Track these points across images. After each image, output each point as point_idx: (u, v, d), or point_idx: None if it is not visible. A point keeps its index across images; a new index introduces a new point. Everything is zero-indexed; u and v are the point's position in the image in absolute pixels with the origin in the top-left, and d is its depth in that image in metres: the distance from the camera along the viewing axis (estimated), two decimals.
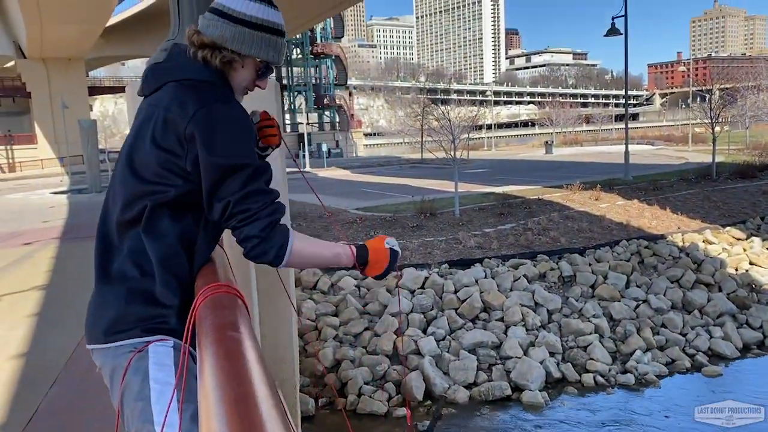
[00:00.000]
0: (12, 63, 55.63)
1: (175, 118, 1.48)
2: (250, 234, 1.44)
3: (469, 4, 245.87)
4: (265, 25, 1.60)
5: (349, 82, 70.90)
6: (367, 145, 75.97)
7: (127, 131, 1.71)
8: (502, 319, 11.73)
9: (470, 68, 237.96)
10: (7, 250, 13.28)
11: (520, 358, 10.52)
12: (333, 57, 59.10)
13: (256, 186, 1.46)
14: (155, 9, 47.57)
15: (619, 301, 12.68)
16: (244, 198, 1.43)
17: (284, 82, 58.20)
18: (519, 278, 12.99)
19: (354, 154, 59.00)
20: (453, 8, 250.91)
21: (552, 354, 10.87)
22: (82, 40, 46.05)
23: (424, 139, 37.53)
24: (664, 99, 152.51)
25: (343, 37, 67.07)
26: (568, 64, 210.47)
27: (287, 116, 68.04)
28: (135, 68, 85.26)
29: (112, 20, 49.57)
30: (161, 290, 1.48)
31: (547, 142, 47.82)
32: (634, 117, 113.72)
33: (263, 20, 1.59)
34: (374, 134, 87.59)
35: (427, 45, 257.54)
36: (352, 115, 66.84)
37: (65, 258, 10.48)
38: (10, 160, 50.99)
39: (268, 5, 1.61)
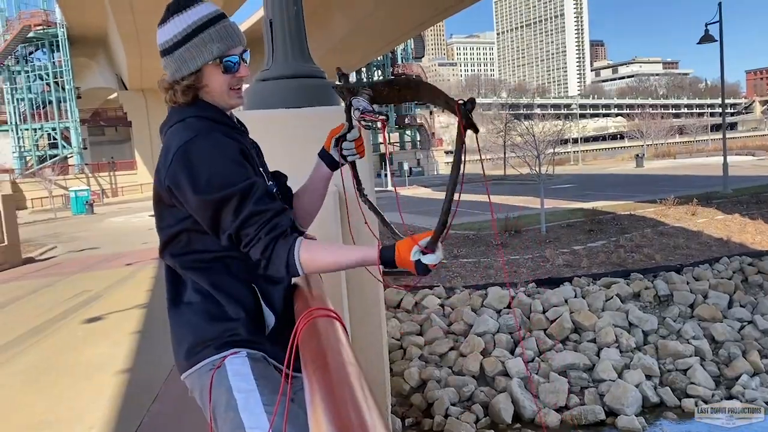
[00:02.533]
0: (115, 95, 59.78)
1: (159, 168, 1.55)
2: (255, 257, 1.46)
3: (551, 18, 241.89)
4: (190, 32, 1.51)
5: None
6: (447, 163, 75.76)
7: None
8: (594, 341, 11.27)
9: (553, 82, 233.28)
10: (111, 271, 14.17)
11: (614, 381, 10.05)
12: (414, 77, 59.54)
13: (248, 210, 1.43)
14: (251, 31, 49.76)
15: (721, 321, 11.90)
16: (240, 226, 1.43)
17: None
18: (611, 298, 12.46)
19: (435, 172, 58.98)
20: (535, 22, 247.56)
21: (648, 377, 10.31)
22: None
23: (506, 155, 37.00)
24: (765, 106, 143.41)
25: (423, 56, 67.57)
26: (657, 74, 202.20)
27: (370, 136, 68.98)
28: None
29: None
30: (224, 308, 1.55)
31: (637, 155, 45.96)
32: (732, 126, 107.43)
33: (185, 30, 1.51)
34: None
35: (508, 60, 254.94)
36: (433, 133, 67.01)
37: (163, 278, 11.01)
38: (113, 186, 54.54)
39: (184, 9, 1.52)
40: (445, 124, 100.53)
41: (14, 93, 54.84)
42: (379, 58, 55.99)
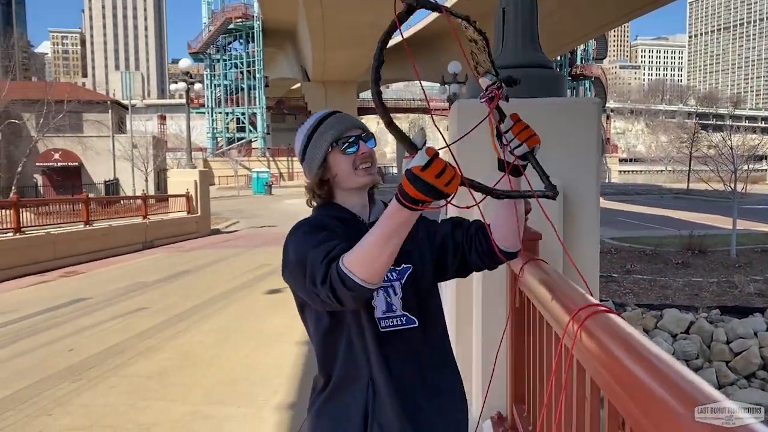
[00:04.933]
0: (297, 85, 63.86)
1: None
2: (326, 300, 1.36)
3: (755, 21, 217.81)
4: (309, 133, 1.59)
5: (606, 105, 67.48)
6: (622, 171, 71.42)
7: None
8: None
9: (751, 91, 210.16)
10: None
11: None
12: (592, 78, 56.84)
13: (311, 269, 1.37)
14: (426, 34, 50.59)
15: None
16: (313, 284, 1.37)
17: None
18: None
19: (608, 180, 55.81)
20: (734, 26, 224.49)
21: None
22: (357, 65, 51.02)
23: (691, 168, 33.98)
24: None
25: (605, 57, 64.17)
26: None
27: None
28: (398, 91, 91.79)
29: None
30: None
31: None
32: None
33: (306, 133, 1.60)
34: (630, 160, 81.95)
35: (699, 66, 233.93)
36: (608, 139, 63.46)
37: None
38: (290, 170, 58.36)
39: (305, 122, 1.64)
40: (621, 129, 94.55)
41: (213, 79, 60.65)
42: (557, 58, 54.10)
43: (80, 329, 7.26)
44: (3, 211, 12.71)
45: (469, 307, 2.50)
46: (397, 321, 1.51)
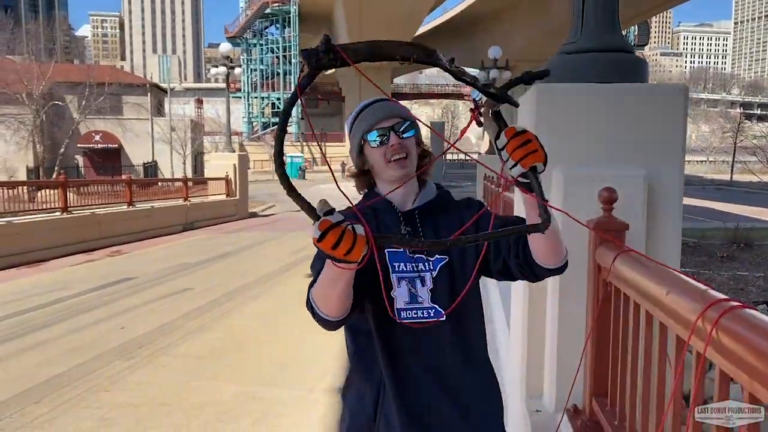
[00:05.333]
0: (331, 70, 63.79)
1: None
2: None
3: None
4: (349, 128, 1.59)
5: None
6: None
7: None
8: None
9: None
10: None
11: None
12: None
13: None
14: (461, 18, 50.08)
15: None
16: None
17: None
18: None
19: None
20: None
21: None
22: None
23: (735, 159, 33.07)
24: None
25: (647, 44, 62.61)
26: None
27: None
28: (431, 77, 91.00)
29: (420, 30, 53.59)
30: None
31: None
32: None
33: (348, 127, 1.60)
34: None
35: (745, 53, 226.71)
36: None
37: None
38: (323, 155, 58.55)
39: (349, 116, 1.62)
40: None
41: (249, 64, 61.01)
42: None
43: (129, 308, 7.41)
44: (50, 191, 13.04)
45: (543, 299, 2.45)
46: (422, 313, 1.46)
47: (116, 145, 36.83)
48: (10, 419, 4.17)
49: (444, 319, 1.46)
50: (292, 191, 1.07)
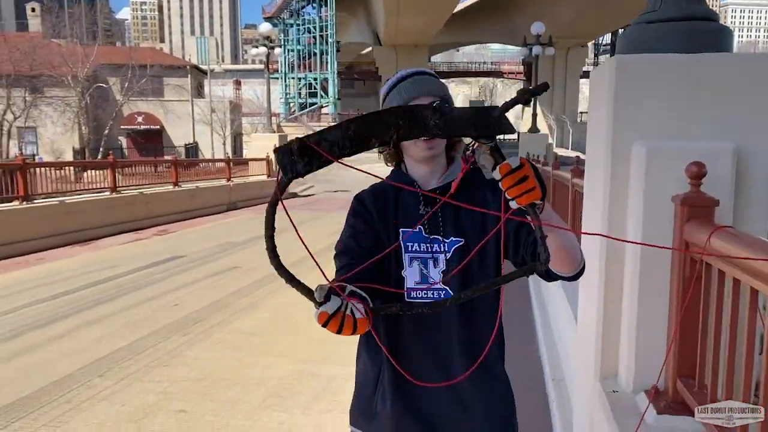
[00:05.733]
0: (367, 50, 63.55)
1: None
2: None
3: None
4: (382, 102, 1.53)
5: None
6: None
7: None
8: None
9: None
10: None
11: None
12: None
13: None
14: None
15: None
16: None
17: None
18: None
19: None
20: None
21: None
22: (429, 29, 50.25)
23: None
24: None
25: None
26: None
27: None
28: (468, 54, 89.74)
29: (458, 7, 52.81)
30: None
31: None
32: None
33: (381, 100, 1.54)
34: None
35: None
36: None
37: None
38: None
39: (384, 84, 1.56)
40: None
41: (286, 44, 61.08)
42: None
43: (180, 286, 7.56)
44: (95, 171, 13.35)
45: (619, 278, 2.39)
46: (432, 294, 1.44)
47: (158, 127, 37.46)
48: (77, 391, 4.30)
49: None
50: (291, 280, 1.09)
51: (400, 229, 1.48)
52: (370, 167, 1.12)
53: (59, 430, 3.73)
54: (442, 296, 1.43)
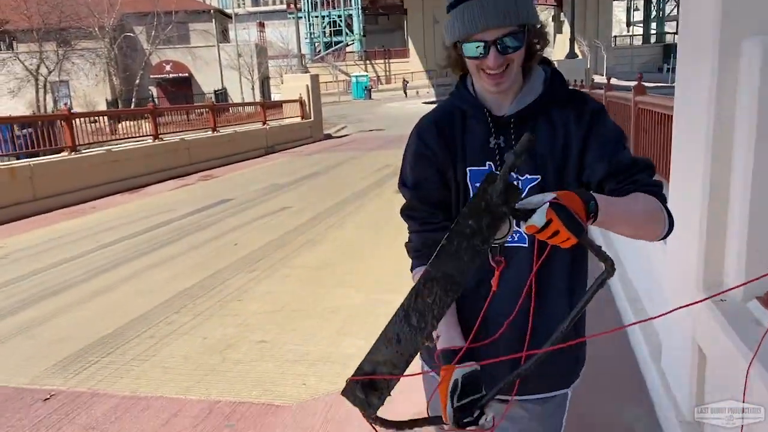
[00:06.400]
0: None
1: None
2: None
3: None
4: (449, 5, 1.24)
5: None
6: None
7: None
8: None
9: None
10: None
11: None
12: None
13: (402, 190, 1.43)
14: None
15: None
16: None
17: None
18: None
19: None
20: None
21: None
22: None
23: None
24: None
25: None
26: None
27: (653, 25, 62.10)
28: None
29: None
30: None
31: None
32: None
33: (448, 5, 1.25)
34: None
35: None
36: None
37: None
38: (387, 73, 57.58)
39: None
40: None
41: None
42: None
43: (235, 227, 7.67)
44: (129, 122, 13.45)
45: (725, 182, 2.31)
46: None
47: (186, 74, 37.38)
48: (157, 328, 4.45)
49: (526, 246, 1.26)
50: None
51: (468, 168, 1.31)
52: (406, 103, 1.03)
53: (148, 362, 3.88)
54: (515, 238, 1.26)
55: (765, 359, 1.73)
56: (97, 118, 12.86)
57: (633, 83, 5.72)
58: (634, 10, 64.78)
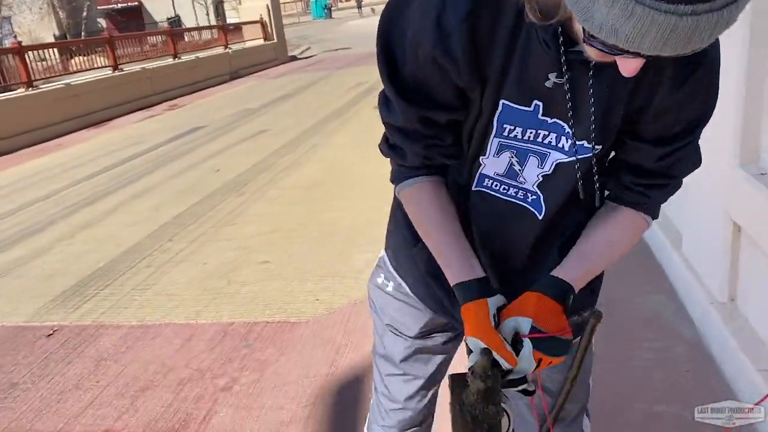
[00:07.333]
0: None
1: None
2: None
3: None
4: None
5: None
6: None
7: None
8: None
9: None
10: (375, 66, 14.72)
11: None
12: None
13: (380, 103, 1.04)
14: None
15: None
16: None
17: None
18: None
19: None
20: None
21: None
22: None
23: None
24: None
25: None
26: None
27: None
28: None
29: None
30: None
31: None
32: None
33: None
34: None
35: None
36: None
37: None
38: None
39: None
40: None
41: None
42: None
43: (213, 153, 7.39)
44: (82, 57, 12.71)
45: (764, 50, 2.18)
46: (516, 193, 1.01)
47: (136, 3, 35.49)
48: (152, 257, 4.29)
49: (542, 218, 1.02)
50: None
51: (502, 101, 0.91)
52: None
53: (150, 291, 3.74)
54: (528, 200, 1.01)
55: None
56: (46, 54, 12.06)
57: None
58: None
